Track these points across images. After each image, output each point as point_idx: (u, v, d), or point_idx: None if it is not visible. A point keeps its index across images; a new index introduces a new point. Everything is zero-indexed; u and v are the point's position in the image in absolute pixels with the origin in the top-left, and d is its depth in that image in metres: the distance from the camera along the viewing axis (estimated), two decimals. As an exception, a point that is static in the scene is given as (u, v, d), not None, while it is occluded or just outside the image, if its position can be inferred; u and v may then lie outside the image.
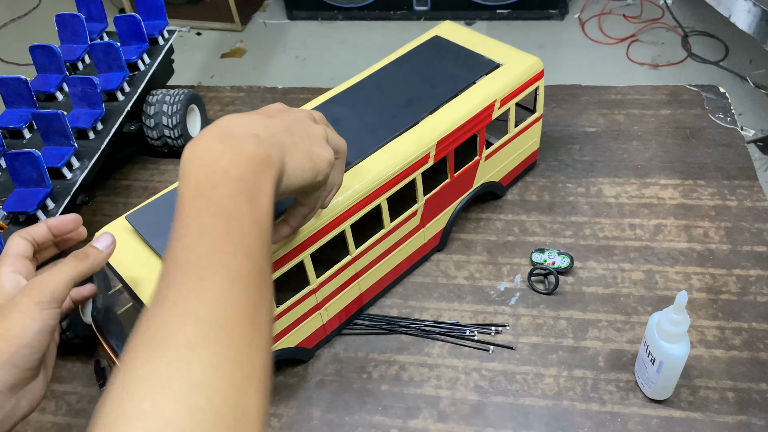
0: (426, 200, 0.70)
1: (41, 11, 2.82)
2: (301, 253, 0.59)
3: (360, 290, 0.70)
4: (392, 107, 0.69)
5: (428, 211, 0.72)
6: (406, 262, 0.74)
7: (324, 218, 0.59)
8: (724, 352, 0.66)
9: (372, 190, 0.62)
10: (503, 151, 0.78)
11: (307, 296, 0.63)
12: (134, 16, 0.90)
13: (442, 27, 0.81)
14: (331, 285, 0.65)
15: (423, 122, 0.67)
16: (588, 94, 0.97)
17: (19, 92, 0.81)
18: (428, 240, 0.75)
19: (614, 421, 0.62)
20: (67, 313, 0.53)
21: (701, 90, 0.96)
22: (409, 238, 0.72)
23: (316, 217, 0.59)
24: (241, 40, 2.53)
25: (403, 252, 0.72)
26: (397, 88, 0.72)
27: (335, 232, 0.61)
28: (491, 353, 0.68)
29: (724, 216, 0.79)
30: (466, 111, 0.69)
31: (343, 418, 0.65)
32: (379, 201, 0.64)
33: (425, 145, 0.66)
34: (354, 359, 0.69)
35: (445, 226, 0.76)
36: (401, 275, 0.75)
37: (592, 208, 0.81)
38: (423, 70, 0.74)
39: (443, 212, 0.75)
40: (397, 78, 0.73)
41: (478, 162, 0.75)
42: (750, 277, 0.72)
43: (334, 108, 0.70)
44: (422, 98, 0.70)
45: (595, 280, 0.74)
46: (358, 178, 0.62)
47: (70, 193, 0.75)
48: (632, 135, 0.91)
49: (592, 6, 2.46)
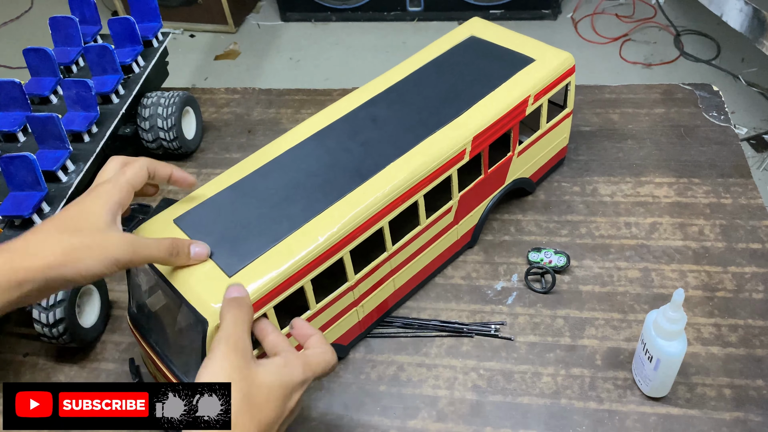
0: (460, 197, 0.71)
1: (33, 14, 2.81)
2: (341, 250, 0.60)
3: (395, 287, 0.70)
4: (430, 106, 0.70)
5: (462, 208, 0.73)
6: (439, 259, 0.75)
7: (363, 216, 0.60)
8: (720, 349, 0.66)
9: (410, 187, 0.63)
10: (535, 147, 0.79)
11: (344, 293, 0.64)
12: (128, 18, 0.89)
13: (473, 24, 0.82)
14: (368, 282, 0.66)
15: (459, 119, 0.68)
16: (582, 93, 0.98)
17: (13, 95, 0.81)
18: (461, 237, 0.76)
19: (612, 419, 0.62)
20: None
21: (695, 88, 0.96)
22: (443, 235, 0.72)
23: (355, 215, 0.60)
24: (234, 42, 2.53)
25: (437, 249, 0.73)
26: (435, 87, 0.73)
27: (373, 230, 0.62)
28: (489, 353, 0.68)
29: (719, 214, 0.79)
30: (501, 107, 0.69)
31: (341, 419, 0.65)
32: (416, 198, 0.65)
33: (461, 142, 0.66)
34: (352, 360, 0.69)
35: (477, 223, 0.77)
36: (433, 272, 0.76)
37: (587, 206, 0.82)
38: (459, 70, 0.75)
39: (476, 209, 0.75)
40: (434, 78, 0.74)
41: (511, 158, 0.75)
42: (745, 274, 0.72)
43: (373, 108, 0.71)
44: (459, 96, 0.71)
45: (592, 279, 0.74)
46: (396, 175, 0.63)
47: (66, 197, 0.74)
48: (627, 134, 0.91)
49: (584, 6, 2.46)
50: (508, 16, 2.41)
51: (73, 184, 0.76)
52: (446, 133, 0.66)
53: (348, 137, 0.67)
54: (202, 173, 0.93)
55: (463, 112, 0.68)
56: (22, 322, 0.75)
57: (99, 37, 0.94)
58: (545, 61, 0.74)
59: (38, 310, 0.67)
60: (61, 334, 0.68)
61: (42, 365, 0.72)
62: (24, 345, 0.75)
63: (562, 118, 0.80)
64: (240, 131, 1.00)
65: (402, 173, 0.63)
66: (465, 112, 0.69)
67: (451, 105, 0.70)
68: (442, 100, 0.71)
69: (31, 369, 0.72)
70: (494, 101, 0.70)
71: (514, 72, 0.73)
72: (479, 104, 0.69)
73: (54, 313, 0.67)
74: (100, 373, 0.71)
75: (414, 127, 0.67)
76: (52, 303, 0.67)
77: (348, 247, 0.60)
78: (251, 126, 1.01)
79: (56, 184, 0.76)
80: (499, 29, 0.80)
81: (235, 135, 0.99)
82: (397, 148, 0.65)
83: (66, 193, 0.75)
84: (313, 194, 0.62)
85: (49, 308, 0.67)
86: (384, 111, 0.70)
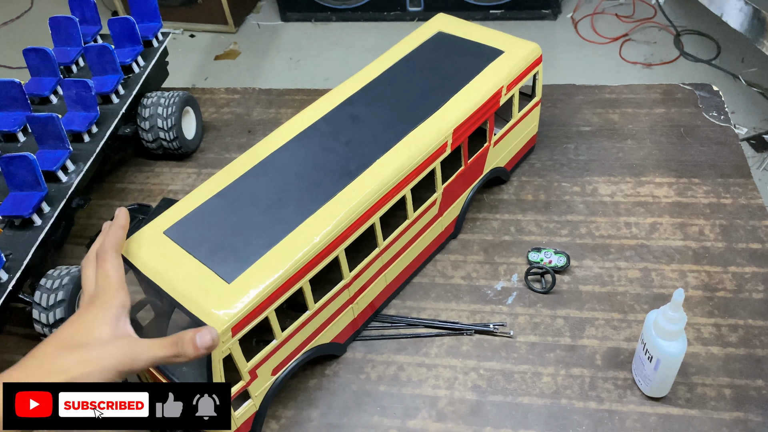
0: (444, 189, 0.72)
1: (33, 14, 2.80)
2: (336, 248, 0.60)
3: (386, 282, 0.71)
4: (407, 102, 0.71)
5: (446, 200, 0.74)
6: (426, 251, 0.76)
7: (355, 213, 0.61)
8: (720, 349, 0.66)
9: (398, 182, 0.64)
10: (509, 136, 0.81)
11: (341, 291, 0.64)
12: (128, 18, 0.89)
13: (438, 20, 0.83)
14: (361, 279, 0.66)
15: (438, 113, 0.69)
16: (582, 93, 0.98)
17: (13, 95, 0.81)
18: (445, 228, 0.77)
19: (612, 419, 0.62)
20: None
21: (695, 88, 0.96)
22: (429, 227, 0.74)
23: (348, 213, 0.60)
24: (234, 42, 2.53)
25: (424, 241, 0.74)
26: (409, 84, 0.74)
27: (366, 226, 0.62)
28: (489, 353, 0.68)
29: (719, 214, 0.79)
30: (477, 99, 0.71)
31: (341, 419, 0.65)
32: (404, 192, 0.66)
33: (443, 134, 0.68)
34: (352, 360, 0.69)
35: (459, 213, 0.78)
36: (420, 266, 0.77)
37: (587, 207, 0.82)
38: (431, 65, 0.76)
39: (458, 200, 0.77)
40: (407, 75, 0.75)
41: (488, 148, 0.77)
42: (745, 274, 0.72)
43: (351, 108, 0.72)
44: (434, 91, 0.72)
45: (592, 279, 0.74)
46: (383, 171, 0.63)
47: (66, 197, 0.74)
48: (627, 134, 0.91)
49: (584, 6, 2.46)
50: (507, 16, 2.41)
51: (73, 184, 0.76)
52: (427, 127, 0.68)
53: (331, 138, 0.68)
54: (202, 173, 0.93)
55: (441, 106, 0.70)
56: (22, 322, 0.75)
57: (99, 37, 0.94)
58: (514, 52, 0.76)
59: (38, 310, 0.67)
60: (61, 334, 0.67)
61: (42, 365, 0.72)
62: (24, 345, 0.74)
63: (532, 107, 0.83)
64: (240, 131, 1.00)
65: (389, 169, 0.64)
66: (443, 106, 0.70)
67: (428, 100, 0.71)
68: (418, 96, 0.72)
69: (31, 369, 0.72)
70: (470, 93, 0.71)
71: (485, 65, 0.75)
72: (455, 97, 0.71)
73: (54, 313, 0.67)
74: (100, 373, 0.71)
75: (394, 123, 0.69)
76: (52, 303, 0.67)
77: (343, 245, 0.61)
78: (251, 126, 1.01)
79: (56, 184, 0.75)
80: (465, 24, 0.82)
81: (235, 135, 0.99)
82: (381, 146, 0.66)
83: (66, 193, 0.75)
84: (304, 196, 0.62)
85: (49, 308, 0.67)
86: (363, 110, 0.71)
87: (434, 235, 0.76)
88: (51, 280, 0.69)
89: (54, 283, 0.68)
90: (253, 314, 0.54)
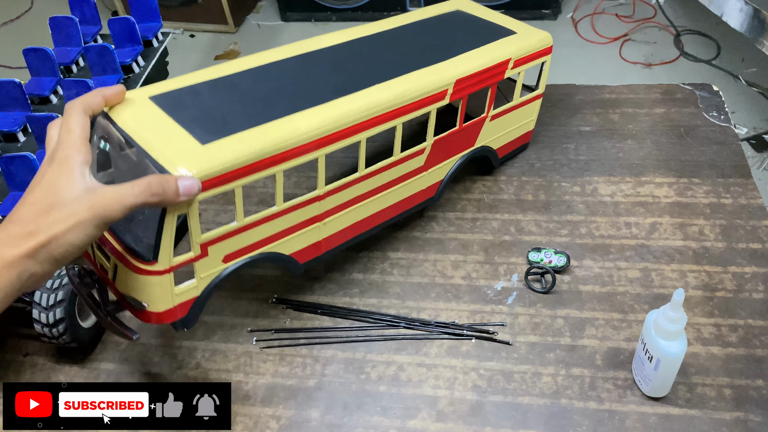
0: (434, 142, 0.73)
1: (33, 14, 2.81)
2: (317, 150, 0.60)
3: (358, 216, 0.71)
4: (416, 52, 0.73)
5: (433, 155, 0.74)
6: (405, 203, 0.76)
7: (344, 121, 0.61)
8: (720, 349, 0.66)
9: (391, 109, 0.65)
10: (506, 117, 0.81)
11: (311, 201, 0.64)
12: (128, 18, 0.90)
13: (458, 0, 0.85)
14: (334, 199, 0.66)
15: (444, 63, 0.71)
16: (582, 93, 0.98)
17: (13, 95, 0.81)
18: (427, 187, 0.77)
19: (612, 419, 0.62)
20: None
21: (695, 88, 0.96)
22: (411, 177, 0.74)
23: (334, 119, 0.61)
24: (234, 41, 2.53)
25: (403, 191, 0.74)
26: (421, 39, 0.76)
27: (352, 140, 0.63)
28: (489, 353, 0.68)
29: (719, 213, 0.79)
30: (485, 60, 0.73)
31: (341, 419, 0.65)
32: (395, 122, 0.66)
33: (445, 81, 0.69)
34: (352, 360, 0.69)
35: (444, 178, 0.79)
36: (396, 216, 0.76)
37: (587, 207, 0.82)
38: (445, 31, 0.79)
39: (444, 162, 0.77)
40: (420, 33, 0.78)
41: (484, 120, 0.78)
42: (745, 274, 0.72)
43: (360, 46, 0.73)
44: (444, 48, 0.74)
45: (592, 279, 0.74)
46: (379, 94, 0.64)
47: (66, 197, 0.74)
48: (627, 134, 0.91)
49: (584, 6, 2.47)
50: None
51: (73, 184, 0.76)
52: (431, 70, 0.69)
53: (336, 62, 0.70)
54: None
55: (448, 59, 0.72)
56: (22, 322, 0.75)
57: (99, 37, 0.94)
58: (526, 35, 0.79)
59: (38, 310, 0.67)
60: (61, 334, 0.67)
61: (42, 365, 0.72)
62: (24, 345, 0.74)
63: (534, 98, 0.83)
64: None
65: (386, 94, 0.65)
66: (450, 59, 0.72)
67: (436, 53, 0.72)
68: (428, 48, 0.74)
69: (31, 369, 0.72)
70: (478, 55, 0.74)
71: (497, 38, 0.77)
72: (464, 55, 0.73)
73: (54, 313, 0.67)
74: (100, 373, 0.71)
75: (399, 64, 0.70)
76: (52, 303, 0.67)
77: (325, 149, 0.61)
78: (251, 126, 1.01)
79: (56, 184, 0.75)
80: (484, 9, 0.84)
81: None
82: (383, 75, 0.67)
83: (66, 193, 0.75)
84: (297, 98, 0.62)
85: (49, 308, 0.67)
86: (371, 50, 0.73)
87: (415, 189, 0.76)
88: (51, 280, 0.69)
89: (54, 282, 0.68)
90: (220, 180, 0.54)
